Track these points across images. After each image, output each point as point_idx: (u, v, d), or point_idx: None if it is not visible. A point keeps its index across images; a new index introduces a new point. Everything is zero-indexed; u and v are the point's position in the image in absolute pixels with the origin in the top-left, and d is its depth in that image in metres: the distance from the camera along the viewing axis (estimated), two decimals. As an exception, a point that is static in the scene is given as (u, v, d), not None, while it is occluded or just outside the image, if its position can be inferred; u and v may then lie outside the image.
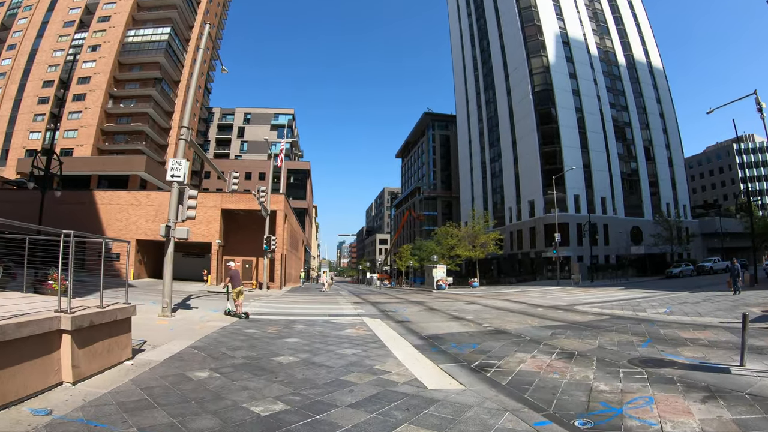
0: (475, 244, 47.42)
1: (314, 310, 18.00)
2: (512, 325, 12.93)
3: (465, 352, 8.88)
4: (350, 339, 10.29)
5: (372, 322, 13.66)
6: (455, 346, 9.74)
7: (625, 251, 58.81)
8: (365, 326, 12.69)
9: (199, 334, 10.12)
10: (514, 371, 7.13)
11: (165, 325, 11.37)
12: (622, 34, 73.71)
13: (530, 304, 20.74)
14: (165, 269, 12.87)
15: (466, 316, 16.13)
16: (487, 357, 8.35)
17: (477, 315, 16.30)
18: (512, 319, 14.79)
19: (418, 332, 11.94)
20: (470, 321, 14.44)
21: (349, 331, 11.71)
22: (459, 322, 14.40)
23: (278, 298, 24.17)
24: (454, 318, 15.57)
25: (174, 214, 13.15)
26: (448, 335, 11.36)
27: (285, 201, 38.28)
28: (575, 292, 29.93)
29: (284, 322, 13.13)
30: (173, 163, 13.51)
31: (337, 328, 12.30)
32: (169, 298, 12.60)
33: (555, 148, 59.40)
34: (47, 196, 41.25)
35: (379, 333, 11.38)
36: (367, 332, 11.51)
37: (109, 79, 59.40)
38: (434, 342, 10.28)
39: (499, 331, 11.81)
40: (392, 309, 18.85)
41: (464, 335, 11.37)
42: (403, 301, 23.82)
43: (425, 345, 9.92)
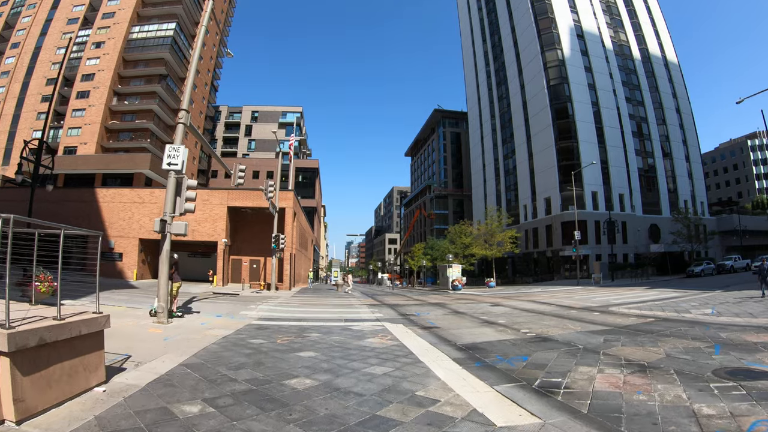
0: (491, 242, 45.55)
1: (328, 314, 16.32)
2: (554, 331, 11.32)
3: (517, 367, 7.26)
4: (376, 352, 8.60)
5: (396, 329, 12.00)
6: (501, 358, 8.09)
7: (644, 249, 56.79)
8: (389, 334, 11.02)
9: (197, 346, 8.47)
10: (588, 392, 5.61)
11: (158, 335, 9.74)
12: (636, 28, 71.78)
13: (559, 305, 19.20)
14: (160, 270, 11.27)
15: (498, 320, 14.42)
16: (546, 373, 6.76)
17: (509, 319, 14.59)
18: (549, 323, 13.21)
19: (451, 341, 10.24)
20: (505, 326, 12.71)
21: (371, 340, 10.03)
22: (492, 327, 12.67)
23: (288, 300, 22.53)
24: (485, 323, 13.84)
25: (171, 206, 11.54)
26: (488, 344, 9.69)
27: (294, 198, 36.72)
28: (600, 291, 28.37)
29: (296, 330, 11.47)
30: (170, 150, 11.90)
31: (358, 336, 10.62)
32: (164, 302, 10.99)
33: (571, 144, 57.51)
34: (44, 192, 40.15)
35: (407, 343, 9.70)
36: (394, 342, 9.82)
37: (114, 75, 58.16)
38: (475, 354, 8.60)
39: (543, 339, 10.20)
40: (413, 312, 17.16)
41: (506, 344, 9.69)
42: (422, 303, 22.10)
43: (466, 358, 8.22)
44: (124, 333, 9.72)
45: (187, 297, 20.00)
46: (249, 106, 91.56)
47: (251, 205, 34.57)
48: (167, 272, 11.24)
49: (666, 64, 71.53)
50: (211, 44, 73.78)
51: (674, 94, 70.42)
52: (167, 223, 11.23)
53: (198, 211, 34.15)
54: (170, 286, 11.78)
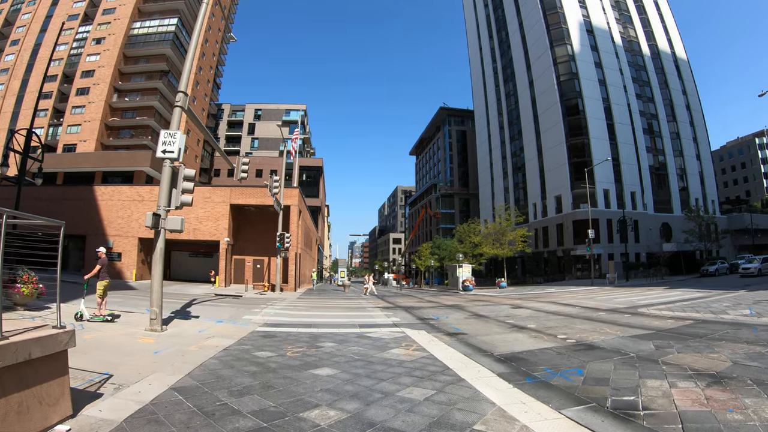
0: (502, 241, 44.08)
1: (339, 318, 14.94)
2: (594, 336, 10.16)
3: (575, 383, 6.12)
4: (406, 367, 7.24)
5: (418, 336, 10.68)
6: (553, 372, 6.85)
7: (656, 248, 55.29)
8: (414, 343, 9.68)
9: (192, 362, 7.13)
10: (674, 413, 4.72)
11: (149, 346, 8.39)
12: (645, 24, 70.47)
13: (584, 307, 18.00)
14: (153, 270, 9.93)
15: (527, 324, 13.11)
16: (614, 390, 5.70)
17: (538, 323, 13.30)
18: (583, 327, 12.01)
19: (486, 350, 8.95)
20: (538, 332, 11.42)
21: (396, 351, 8.67)
22: (525, 333, 11.37)
23: (294, 303, 21.19)
24: (514, 328, 12.54)
25: (165, 199, 10.21)
26: (529, 354, 8.45)
27: (299, 195, 35.37)
28: (619, 292, 27.10)
29: (307, 339, 10.12)
30: (165, 136, 10.58)
31: (379, 346, 9.26)
32: (158, 307, 9.65)
33: (582, 140, 56.08)
34: (44, 190, 38.97)
35: (438, 354, 8.38)
36: (423, 353, 8.49)
37: (114, 72, 57.04)
38: (520, 366, 7.34)
39: (587, 346, 9.01)
40: (431, 316, 15.80)
41: (549, 354, 8.43)
42: (438, 305, 20.71)
43: (512, 372, 6.92)
44: (108, 344, 8.40)
45: (185, 299, 18.71)
46: (252, 104, 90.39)
47: (255, 203, 33.26)
48: (161, 273, 9.90)
49: (675, 60, 70.16)
50: (214, 40, 72.57)
51: (684, 90, 69.03)
52: (161, 218, 9.90)
53: (200, 209, 33.05)
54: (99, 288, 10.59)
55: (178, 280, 35.50)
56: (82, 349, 7.73)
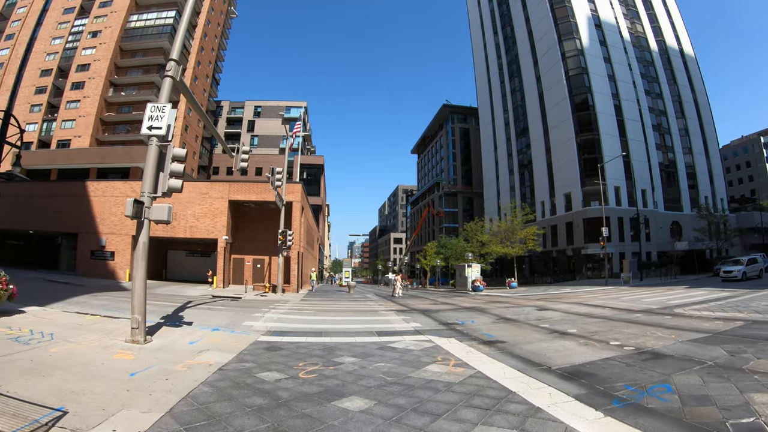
0: (513, 239, 42.33)
1: (352, 324, 13.21)
2: (650, 342, 9.04)
3: (673, 404, 5.11)
4: (457, 392, 5.62)
5: (452, 346, 9.08)
6: (635, 389, 5.76)
7: (667, 247, 53.69)
8: (450, 355, 8.06)
9: (177, 390, 5.43)
10: None
11: (125, 364, 6.69)
12: (652, 19, 68.99)
13: (615, 308, 16.72)
14: (135, 270, 8.23)
15: (566, 328, 11.66)
16: (724, 410, 4.77)
17: (578, 327, 11.91)
18: (630, 331, 10.75)
19: (540, 363, 7.53)
20: (585, 338, 10.06)
21: (435, 368, 7.02)
22: (570, 339, 9.98)
23: (298, 306, 19.47)
24: (554, 333, 11.07)
25: (150, 184, 8.53)
26: (591, 366, 7.19)
27: (302, 191, 33.69)
28: (639, 291, 25.75)
29: (320, 351, 8.44)
30: (152, 110, 8.94)
31: (410, 361, 7.59)
32: (140, 314, 7.95)
33: (593, 136, 54.41)
34: (36, 186, 37.30)
35: (488, 371, 6.85)
36: (468, 370, 6.93)
37: (110, 65, 55.31)
38: (591, 383, 6.10)
39: (652, 354, 7.93)
40: (454, 320, 14.12)
41: (615, 365, 7.21)
42: (455, 307, 18.98)
43: (589, 393, 5.61)
44: (76, 361, 6.71)
45: (180, 302, 17.02)
46: (252, 101, 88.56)
47: (255, 199, 31.53)
48: (144, 273, 8.21)
49: (683, 56, 68.72)
50: (213, 35, 70.83)
51: (692, 87, 67.57)
52: (145, 207, 8.20)
53: (197, 205, 31.35)
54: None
55: (174, 280, 33.80)
56: (43, 368, 6.15)
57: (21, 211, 33.52)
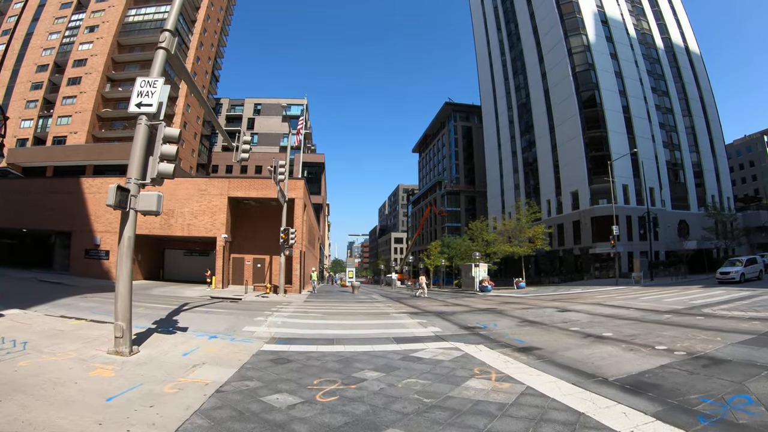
0: (521, 238, 41.14)
1: (365, 329, 11.95)
2: (699, 346, 8.33)
3: (766, 419, 4.50)
4: (517, 417, 4.56)
5: (484, 355, 7.99)
6: (714, 402, 5.15)
7: (674, 246, 52.62)
8: (488, 367, 6.95)
9: (164, 424, 4.23)
10: None
11: (103, 385, 5.50)
12: (657, 16, 67.99)
13: (639, 309, 15.79)
14: (118, 270, 7.06)
15: (600, 332, 10.67)
16: None
17: (611, 330, 10.97)
18: (670, 333, 9.98)
19: (593, 374, 6.55)
20: (626, 342, 9.16)
21: (477, 384, 5.88)
22: (611, 344, 9.03)
23: (303, 308, 18.25)
24: (589, 337, 10.03)
25: (138, 169, 7.35)
26: (651, 375, 6.39)
27: (304, 188, 32.49)
28: (655, 291, 24.77)
29: (335, 362, 7.27)
30: (142, 86, 7.75)
31: (444, 375, 6.43)
32: (124, 321, 6.77)
33: (600, 133, 53.27)
34: (32, 183, 36.13)
35: (539, 385, 5.83)
36: (516, 385, 5.86)
37: (107, 60, 54.11)
38: (661, 396, 5.37)
39: (709, 359, 7.24)
40: (474, 323, 12.93)
41: (674, 373, 6.46)
42: (469, 309, 17.77)
43: (666, 410, 4.90)
44: (45, 378, 5.54)
45: (176, 303, 15.84)
46: (251, 99, 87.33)
47: (255, 196, 30.31)
48: (129, 273, 7.04)
49: (688, 54, 67.77)
50: (212, 31, 69.65)
51: (698, 84, 66.59)
52: (130, 195, 7.02)
53: (195, 202, 30.13)
54: None
55: (171, 280, 32.58)
56: (2, 388, 5.02)
57: (14, 208, 32.35)
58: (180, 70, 9.40)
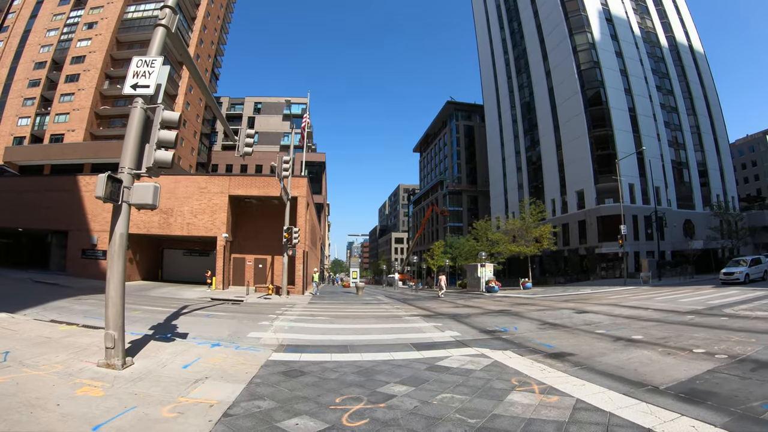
0: (527, 238, 40.32)
1: (379, 334, 11.08)
2: (738, 348, 7.87)
3: None
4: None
5: (515, 362, 7.22)
6: None
7: (680, 246, 51.93)
8: (523, 376, 6.17)
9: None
10: None
11: (89, 406, 4.67)
12: (661, 15, 67.30)
13: (658, 309, 15.17)
14: (109, 270, 6.19)
15: (630, 335, 10.00)
16: None
17: (641, 332, 10.30)
18: (703, 335, 9.45)
19: (639, 381, 5.94)
20: (660, 345, 8.54)
21: (520, 398, 5.11)
22: (645, 348, 8.39)
23: (309, 310, 17.41)
24: (620, 341, 9.27)
25: (132, 158, 6.53)
26: (701, 381, 5.97)
27: (308, 186, 31.67)
28: (667, 291, 24.13)
29: (355, 375, 6.45)
30: (138, 65, 6.96)
31: (478, 387, 5.63)
32: (116, 330, 5.94)
33: (606, 132, 52.52)
34: (27, 181, 35.28)
35: (588, 398, 5.13)
36: (564, 397, 5.13)
37: (106, 57, 53.29)
38: (722, 405, 4.92)
39: (756, 363, 6.81)
40: (494, 326, 12.10)
41: (723, 378, 6.03)
42: (483, 311, 16.90)
43: (736, 421, 4.45)
44: (23, 399, 4.72)
45: (175, 305, 15.00)
46: (251, 97, 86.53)
47: (257, 194, 29.47)
48: (121, 275, 6.21)
49: (692, 53, 67.15)
50: (212, 28, 68.86)
51: (702, 83, 65.94)
52: (123, 186, 6.19)
53: (194, 200, 29.27)
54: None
55: (170, 281, 31.73)
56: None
57: (10, 207, 31.55)
58: (181, 51, 8.62)
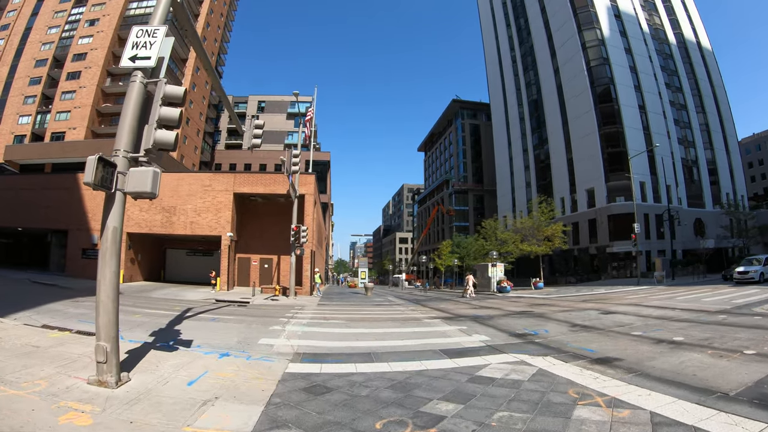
0: (539, 237, 39.34)
1: (401, 339, 10.05)
2: None
3: None
4: None
5: (562, 370, 6.31)
6: None
7: (691, 245, 50.93)
8: (579, 387, 5.30)
9: None
10: None
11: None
12: (669, 11, 66.46)
13: (687, 309, 14.50)
14: (101, 271, 5.24)
15: (670, 336, 9.22)
16: None
17: (679, 333, 9.58)
18: (746, 336, 8.88)
19: (705, 388, 5.35)
20: (707, 347, 7.89)
21: (588, 415, 4.28)
22: (693, 350, 7.71)
23: (320, 313, 16.44)
24: (663, 343, 8.47)
25: (129, 139, 5.58)
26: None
27: (315, 183, 30.75)
28: (685, 291, 23.46)
29: (388, 389, 5.50)
30: (138, 35, 6.12)
31: (535, 402, 4.70)
32: (108, 341, 4.99)
33: (616, 129, 51.58)
34: (25, 178, 34.48)
35: (662, 409, 4.40)
36: (636, 411, 4.28)
37: (107, 54, 52.52)
38: None
39: None
40: (522, 329, 11.12)
41: None
42: (504, 312, 15.89)
43: None
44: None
45: (179, 308, 14.08)
46: (255, 96, 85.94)
47: (263, 191, 28.54)
48: (115, 277, 5.28)
49: (701, 50, 66.20)
50: (216, 26, 68.07)
51: (710, 81, 64.96)
52: (117, 171, 5.25)
53: (198, 199, 28.36)
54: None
55: (173, 282, 30.82)
56: None
57: (9, 206, 30.76)
58: (186, 25, 7.68)
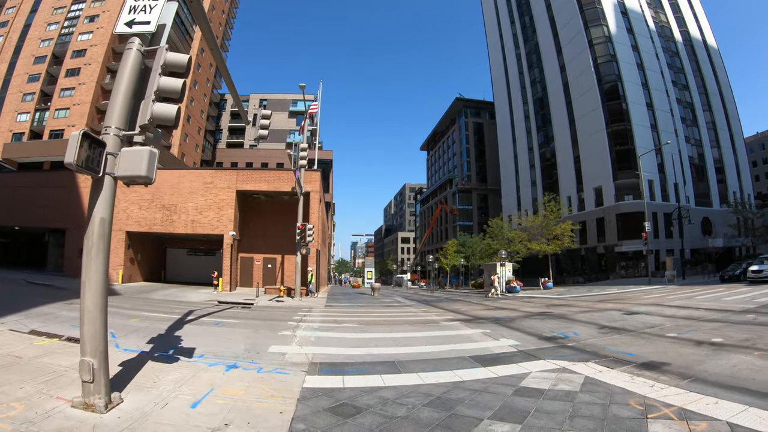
0: (548, 236, 38.50)
1: (423, 345, 9.19)
2: None
3: None
4: None
5: (612, 377, 5.53)
6: None
7: (698, 244, 50.11)
8: (637, 396, 4.66)
9: None
10: None
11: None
12: (675, 9, 65.66)
13: (710, 308, 14.07)
14: (86, 271, 4.41)
15: (708, 338, 8.56)
16: None
17: (716, 334, 9.08)
18: None
19: None
20: (753, 348, 7.52)
21: (665, 430, 3.43)
22: (737, 352, 7.33)
23: (329, 315, 15.55)
24: (703, 345, 8.01)
25: (121, 114, 4.68)
26: None
27: (320, 180, 29.89)
28: (700, 290, 23.00)
29: (428, 409, 4.64)
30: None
31: (601, 418, 3.98)
32: (95, 355, 4.11)
33: (624, 127, 50.73)
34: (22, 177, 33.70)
35: (747, 422, 4.04)
36: (712, 422, 4.04)
37: (107, 51, 51.65)
38: None
39: None
40: (550, 332, 10.25)
41: None
42: (523, 314, 14.98)
43: None
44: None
45: (180, 311, 13.21)
46: (257, 94, 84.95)
47: (266, 189, 27.66)
48: (102, 278, 4.43)
49: (707, 48, 65.46)
50: (217, 23, 67.23)
51: (716, 79, 64.23)
52: (106, 152, 4.38)
53: (200, 196, 27.47)
54: None
55: (173, 282, 29.92)
56: None
57: (6, 205, 30.01)
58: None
